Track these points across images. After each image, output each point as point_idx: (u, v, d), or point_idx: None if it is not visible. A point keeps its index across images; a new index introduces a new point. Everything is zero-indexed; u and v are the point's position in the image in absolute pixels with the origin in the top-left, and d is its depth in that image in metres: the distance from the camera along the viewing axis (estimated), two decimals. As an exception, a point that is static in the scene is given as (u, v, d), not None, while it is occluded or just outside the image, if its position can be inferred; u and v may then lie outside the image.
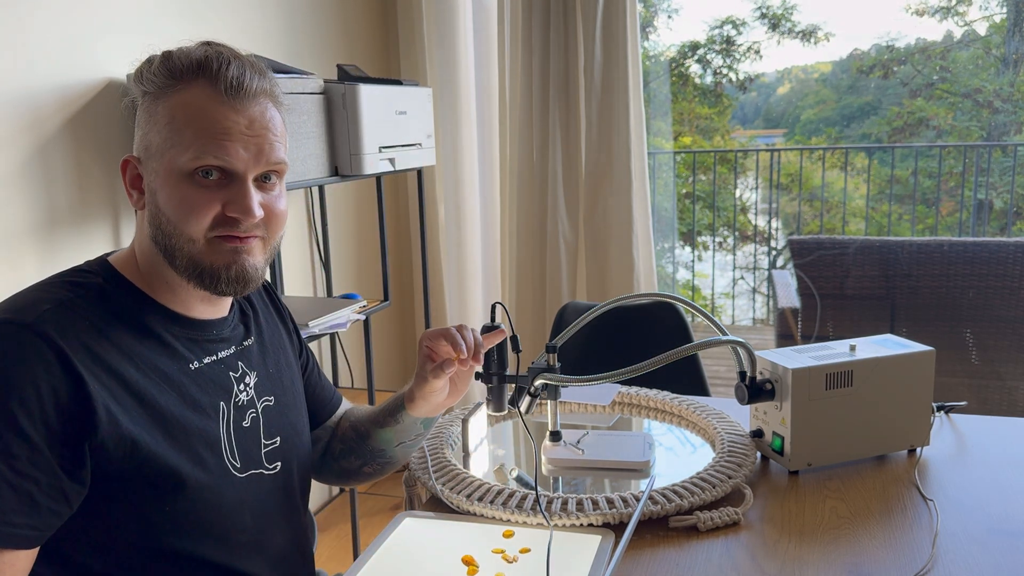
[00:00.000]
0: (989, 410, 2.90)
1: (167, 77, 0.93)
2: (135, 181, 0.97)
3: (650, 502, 1.18)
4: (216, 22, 2.26)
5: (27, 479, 0.83)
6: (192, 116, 0.92)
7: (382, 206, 2.53)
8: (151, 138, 0.94)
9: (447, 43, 2.91)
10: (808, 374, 1.30)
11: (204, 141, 0.91)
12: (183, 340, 0.98)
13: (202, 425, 0.97)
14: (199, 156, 0.91)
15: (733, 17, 6.43)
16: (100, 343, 0.89)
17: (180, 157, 0.92)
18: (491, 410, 1.36)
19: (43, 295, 0.91)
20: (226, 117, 0.93)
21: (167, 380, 0.95)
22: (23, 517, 0.83)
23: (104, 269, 0.98)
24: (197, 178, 0.92)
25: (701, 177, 5.88)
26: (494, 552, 1.11)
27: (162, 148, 0.93)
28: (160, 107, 0.93)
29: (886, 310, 3.03)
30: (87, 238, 1.91)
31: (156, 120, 0.93)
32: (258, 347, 1.10)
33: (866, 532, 1.14)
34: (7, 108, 1.71)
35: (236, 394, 1.03)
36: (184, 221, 0.93)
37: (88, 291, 0.93)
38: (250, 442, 1.03)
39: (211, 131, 0.92)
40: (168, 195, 0.93)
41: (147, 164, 0.95)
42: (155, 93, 0.94)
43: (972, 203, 5.15)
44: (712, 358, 4.31)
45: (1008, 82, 5.79)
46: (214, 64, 0.93)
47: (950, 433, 1.49)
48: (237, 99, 0.93)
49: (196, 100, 0.92)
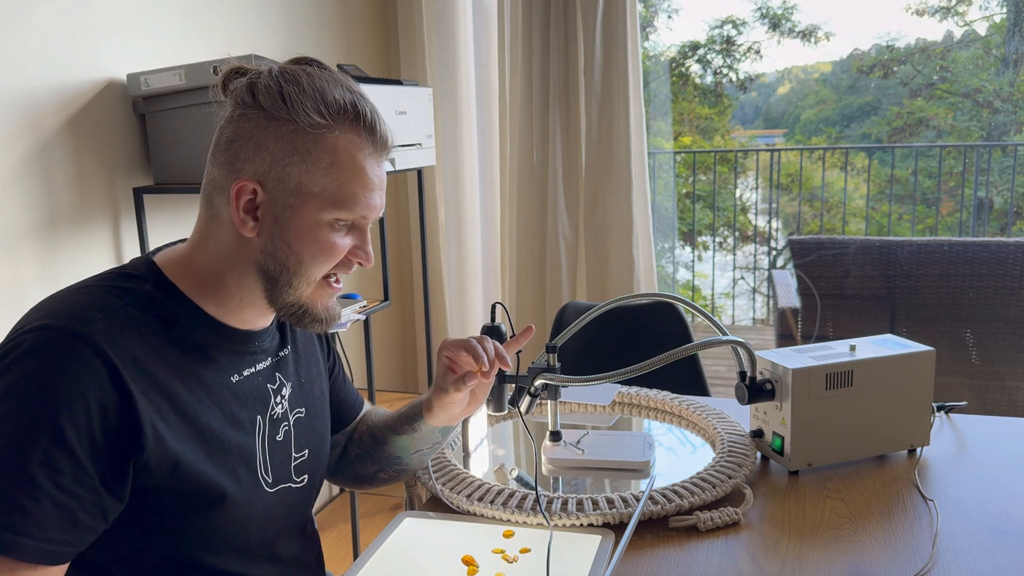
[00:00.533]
0: (989, 410, 2.90)
1: (321, 113, 0.91)
2: (248, 206, 0.92)
3: (650, 502, 1.18)
4: (216, 22, 2.26)
5: (70, 496, 0.82)
6: (350, 167, 0.92)
7: (382, 206, 2.52)
8: (292, 172, 0.91)
9: (447, 43, 2.91)
10: (808, 374, 1.30)
11: (359, 196, 0.93)
12: (226, 351, 0.97)
13: (241, 442, 0.97)
14: (352, 209, 0.93)
15: (733, 17, 6.44)
16: (148, 356, 0.88)
17: (332, 206, 0.92)
18: (491, 410, 1.36)
19: (93, 301, 0.89)
20: (375, 173, 0.95)
21: (209, 395, 0.94)
22: (61, 534, 0.82)
23: (153, 274, 0.95)
24: (335, 224, 0.94)
25: (701, 177, 5.88)
26: (494, 552, 1.11)
27: (309, 189, 0.91)
28: (311, 144, 0.91)
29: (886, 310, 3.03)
30: (87, 238, 1.91)
31: (305, 157, 0.91)
32: (293, 356, 1.10)
33: (866, 532, 1.14)
34: (7, 108, 1.72)
35: (272, 407, 1.02)
36: (316, 264, 0.94)
37: (138, 299, 0.91)
38: (282, 456, 1.04)
39: (364, 186, 0.93)
40: (307, 237, 0.93)
41: (277, 195, 0.92)
42: (302, 124, 0.90)
43: (972, 203, 5.15)
44: (712, 358, 4.31)
45: (1008, 82, 5.79)
46: (367, 112, 0.94)
47: (950, 433, 1.49)
48: (382, 155, 0.96)
49: (353, 150, 0.92)
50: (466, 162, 2.99)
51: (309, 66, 0.94)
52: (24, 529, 0.79)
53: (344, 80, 0.95)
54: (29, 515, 0.80)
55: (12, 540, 0.79)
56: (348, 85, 0.95)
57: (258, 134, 0.91)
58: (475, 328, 3.14)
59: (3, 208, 1.72)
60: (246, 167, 0.92)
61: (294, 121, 0.90)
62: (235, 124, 0.93)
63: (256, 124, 0.91)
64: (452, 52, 2.92)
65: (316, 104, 0.90)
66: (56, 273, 1.83)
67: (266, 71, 0.93)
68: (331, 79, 0.93)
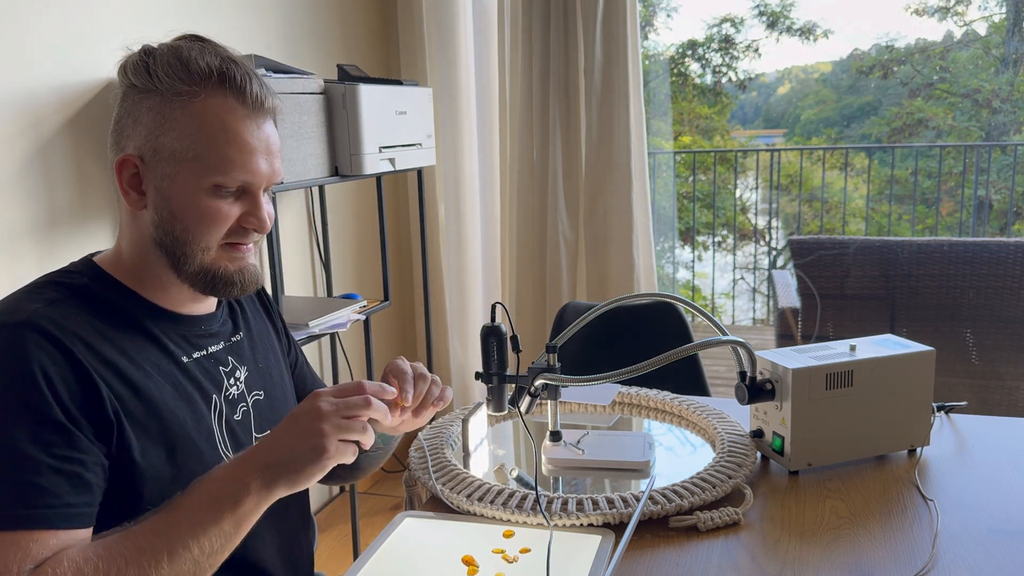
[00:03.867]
0: (989, 410, 2.90)
1: (183, 80, 0.92)
2: (133, 181, 0.95)
3: (650, 502, 1.18)
4: (216, 22, 2.26)
5: (70, 461, 0.84)
6: (220, 131, 0.93)
7: (382, 206, 2.53)
8: (165, 142, 0.92)
9: (447, 43, 2.91)
10: (808, 374, 1.30)
11: (234, 159, 0.93)
12: (173, 336, 0.99)
13: (196, 418, 0.98)
14: (228, 173, 0.93)
15: (732, 15, 6.44)
16: (94, 337, 0.90)
17: (207, 171, 0.93)
18: (491, 410, 1.36)
19: (31, 296, 0.92)
20: (252, 135, 0.94)
21: (161, 373, 0.95)
22: (78, 496, 0.84)
23: (89, 268, 0.98)
24: (218, 190, 0.94)
25: (701, 177, 5.89)
26: (494, 552, 1.11)
27: (183, 156, 0.92)
28: (178, 112, 0.92)
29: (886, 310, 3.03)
30: (87, 238, 1.91)
31: (174, 125, 0.92)
32: (247, 342, 1.11)
33: (866, 532, 1.14)
34: (7, 108, 1.71)
35: (227, 388, 1.04)
36: (204, 231, 0.94)
37: (75, 290, 0.94)
38: (242, 435, 1.04)
39: (240, 149, 0.93)
40: (186, 205, 0.93)
41: (155, 166, 0.94)
42: (167, 93, 0.92)
43: (972, 203, 5.15)
44: (712, 358, 4.31)
45: (1007, 82, 5.79)
46: (236, 76, 0.93)
47: (950, 433, 1.49)
48: (259, 115, 0.96)
49: (222, 113, 0.93)
50: (466, 162, 2.99)
51: (184, 40, 0.96)
52: (40, 501, 0.82)
53: (218, 49, 0.96)
54: (39, 488, 0.82)
55: (36, 514, 0.81)
56: (221, 53, 0.95)
57: (134, 110, 0.94)
58: (475, 328, 3.14)
59: (3, 208, 1.72)
60: (128, 143, 0.95)
61: (160, 92, 0.92)
62: (119, 105, 0.96)
63: (132, 101, 0.94)
64: (452, 52, 2.92)
65: (177, 72, 0.92)
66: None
67: (137, 50, 0.95)
68: (202, 49, 0.94)
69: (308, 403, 0.90)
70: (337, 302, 2.28)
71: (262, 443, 0.90)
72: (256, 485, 0.86)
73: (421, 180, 2.72)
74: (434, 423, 1.51)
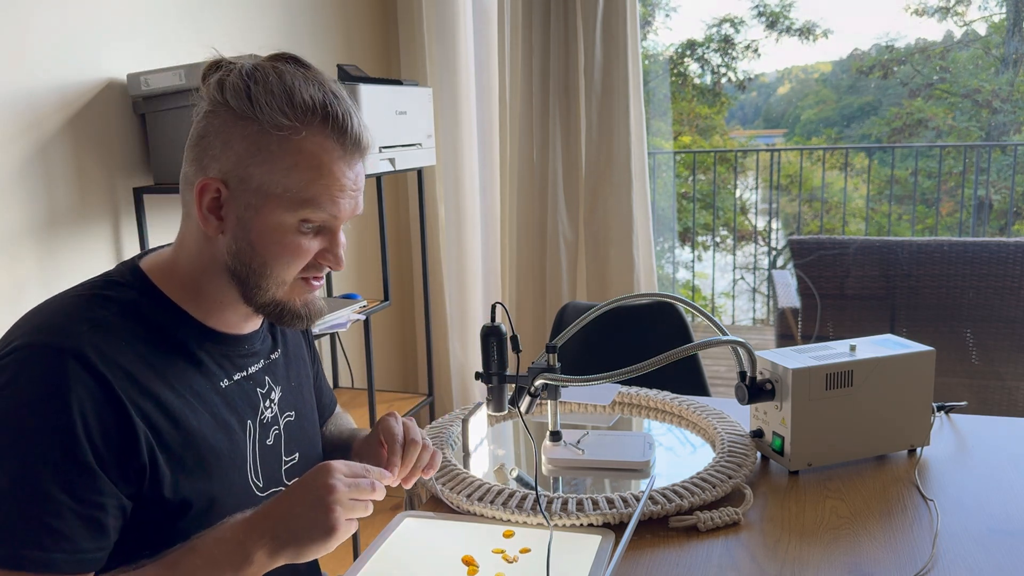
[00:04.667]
0: (989, 410, 2.90)
1: (285, 115, 0.88)
2: (212, 205, 0.91)
3: (650, 502, 1.18)
4: (216, 22, 2.26)
5: (91, 505, 0.83)
6: (315, 169, 0.90)
7: (382, 206, 2.52)
8: (255, 172, 0.89)
9: (447, 43, 2.91)
10: (808, 374, 1.30)
11: (323, 199, 0.91)
12: (216, 356, 0.97)
13: (231, 447, 0.96)
14: (316, 212, 0.91)
15: (731, 15, 6.44)
16: (136, 366, 0.88)
17: (295, 208, 0.90)
18: (491, 410, 1.36)
19: (79, 312, 0.88)
20: (343, 175, 0.92)
21: (200, 400, 0.94)
22: (91, 542, 0.83)
23: (138, 280, 0.94)
24: (302, 226, 0.92)
25: (701, 177, 5.89)
26: (494, 552, 1.11)
27: (271, 190, 0.90)
28: (275, 145, 0.89)
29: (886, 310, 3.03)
30: (87, 238, 1.91)
31: (268, 158, 0.89)
32: (283, 360, 1.10)
33: (866, 532, 1.14)
34: (7, 108, 1.71)
35: (262, 411, 1.02)
36: (282, 266, 0.93)
37: (123, 308, 0.91)
38: (272, 460, 1.03)
39: (331, 190, 0.91)
40: (268, 238, 0.91)
41: (240, 195, 0.90)
42: (266, 124, 0.88)
43: (972, 203, 5.15)
44: (712, 358, 4.31)
45: (1007, 82, 5.79)
46: (339, 113, 0.90)
47: (950, 433, 1.49)
48: (354, 156, 0.93)
49: (320, 153, 0.90)
50: (466, 162, 2.99)
51: (285, 63, 0.92)
52: (54, 545, 0.81)
53: (319, 78, 0.93)
54: (57, 532, 0.81)
55: (45, 557, 0.80)
56: (323, 83, 0.92)
57: (225, 132, 0.90)
58: (475, 328, 3.14)
59: (3, 208, 1.72)
60: (212, 165, 0.91)
61: (259, 121, 0.88)
62: (206, 120, 0.91)
63: (224, 122, 0.90)
64: (452, 52, 2.91)
65: (282, 105, 0.88)
66: (56, 273, 1.83)
67: (237, 68, 0.90)
68: (304, 77, 0.91)
69: (321, 478, 0.88)
70: (337, 302, 2.28)
71: (271, 509, 0.88)
72: (260, 555, 0.85)
73: (421, 180, 2.72)
74: (434, 423, 1.51)
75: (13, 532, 0.80)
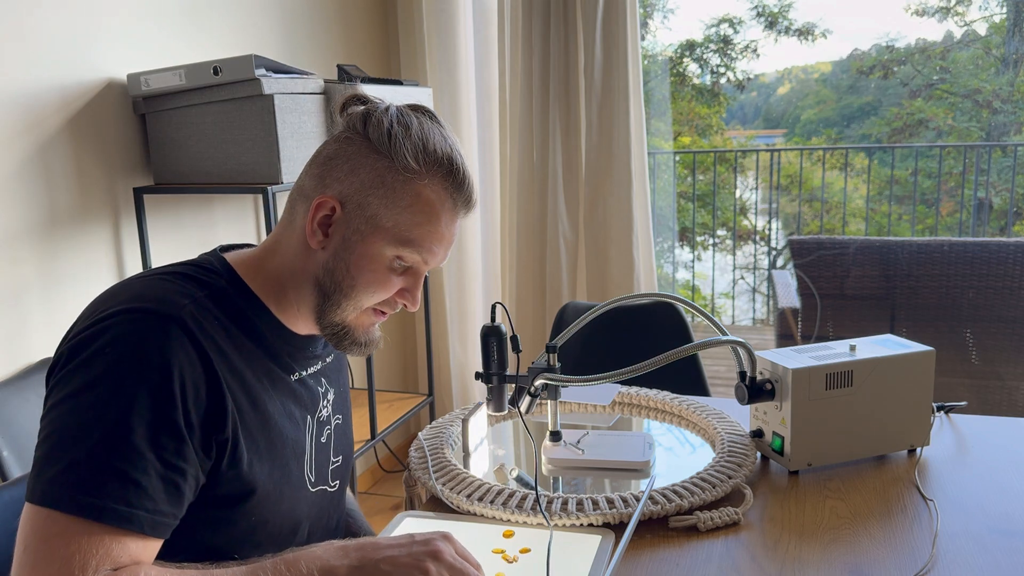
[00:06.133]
0: (989, 410, 2.90)
1: (417, 159, 0.95)
2: (324, 221, 0.97)
3: (650, 502, 1.18)
4: (216, 22, 2.26)
5: (174, 469, 0.85)
6: (427, 215, 0.96)
7: (382, 206, 2.53)
8: (372, 202, 0.95)
9: (447, 43, 2.91)
10: (808, 374, 1.30)
11: (426, 245, 0.97)
12: (288, 352, 1.02)
13: (296, 437, 1.00)
14: (413, 253, 0.97)
15: (730, 16, 6.44)
16: (228, 345, 0.92)
17: (397, 245, 0.96)
18: (491, 410, 1.36)
19: (176, 287, 0.92)
20: (449, 227, 0.99)
21: (275, 389, 0.98)
22: (169, 506, 0.85)
23: (226, 271, 0.99)
24: (395, 262, 0.97)
25: (700, 177, 5.88)
26: (494, 552, 1.11)
27: (381, 222, 0.95)
28: (399, 184, 0.95)
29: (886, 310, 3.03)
30: (87, 238, 1.91)
31: (389, 193, 0.95)
32: (336, 364, 1.14)
33: (866, 532, 1.14)
34: (7, 108, 1.72)
35: (320, 409, 1.07)
36: (366, 293, 0.97)
37: (214, 291, 0.95)
38: (323, 458, 1.07)
39: (435, 238, 0.97)
40: (364, 264, 0.96)
41: (352, 218, 0.96)
42: (397, 164, 0.94)
43: (972, 203, 5.15)
44: (712, 358, 4.31)
45: (1008, 82, 5.79)
46: (460, 169, 0.97)
47: (950, 433, 1.49)
48: (464, 213, 1.00)
49: (436, 201, 0.96)
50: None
51: (423, 115, 0.99)
52: (138, 502, 0.82)
53: (448, 134, 0.99)
54: (142, 488, 0.82)
55: (128, 512, 0.81)
56: (451, 139, 0.99)
57: (355, 159, 0.96)
58: (475, 328, 3.14)
59: (3, 208, 1.72)
60: (334, 185, 0.96)
61: (391, 158, 0.95)
62: (339, 144, 0.98)
63: (357, 150, 0.96)
64: (452, 52, 2.92)
65: (416, 150, 0.95)
66: (56, 273, 1.83)
67: (383, 107, 0.98)
68: (439, 131, 0.98)
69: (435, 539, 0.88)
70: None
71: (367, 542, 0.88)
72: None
73: (421, 180, 2.71)
74: (434, 423, 1.51)
75: (100, 484, 0.81)
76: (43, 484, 0.81)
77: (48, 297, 1.81)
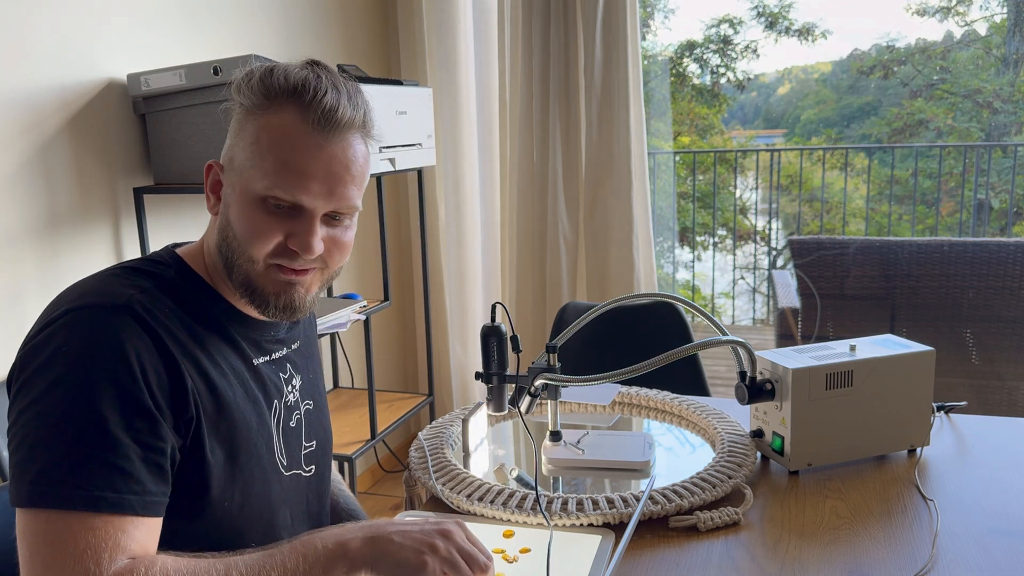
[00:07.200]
0: (989, 410, 2.90)
1: (262, 95, 0.93)
2: (215, 186, 0.98)
3: (650, 502, 1.18)
4: (216, 22, 2.26)
5: (152, 449, 0.86)
6: (275, 144, 0.91)
7: (382, 206, 2.52)
8: (235, 152, 0.95)
9: (447, 43, 2.91)
10: (808, 374, 1.30)
11: (282, 174, 0.91)
12: (246, 338, 1.01)
13: (260, 421, 1.00)
14: (273, 187, 0.91)
15: (730, 16, 6.44)
16: (180, 331, 0.92)
17: (257, 182, 0.92)
18: (491, 410, 1.36)
19: (123, 281, 0.93)
20: (308, 153, 0.91)
21: (235, 374, 0.98)
22: (157, 486, 0.86)
23: (175, 261, 0.99)
24: (268, 204, 0.93)
25: (700, 177, 5.89)
26: (494, 552, 1.11)
27: (243, 166, 0.94)
28: (250, 124, 0.94)
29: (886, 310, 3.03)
30: (87, 238, 1.91)
31: (244, 136, 0.94)
32: (303, 351, 1.13)
33: (866, 532, 1.14)
34: (7, 108, 1.71)
35: (286, 395, 1.06)
36: (248, 242, 0.94)
37: (162, 283, 0.95)
38: (294, 442, 1.07)
39: (290, 165, 0.91)
40: (239, 213, 0.94)
41: (228, 175, 0.96)
42: (249, 108, 0.94)
43: (972, 203, 5.15)
44: (712, 358, 4.31)
45: (1008, 82, 5.79)
46: (309, 91, 0.91)
47: (950, 433, 1.49)
48: (323, 133, 0.91)
49: (283, 126, 0.91)
50: (466, 162, 2.99)
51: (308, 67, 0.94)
52: (126, 487, 0.83)
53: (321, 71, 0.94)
54: (127, 474, 0.83)
55: (119, 499, 0.82)
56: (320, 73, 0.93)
57: (230, 122, 0.98)
58: (475, 328, 3.14)
59: (3, 208, 1.72)
60: (222, 152, 0.99)
61: (245, 106, 0.94)
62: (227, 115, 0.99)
63: (231, 115, 0.98)
64: (452, 52, 2.91)
65: (262, 85, 0.93)
66: (56, 273, 1.83)
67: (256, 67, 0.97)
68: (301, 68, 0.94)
69: (448, 523, 0.88)
70: (337, 302, 2.28)
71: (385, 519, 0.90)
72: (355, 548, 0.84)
73: (421, 180, 2.72)
74: (434, 423, 1.51)
75: (88, 477, 0.81)
76: (27, 486, 0.81)
77: (48, 297, 1.80)
